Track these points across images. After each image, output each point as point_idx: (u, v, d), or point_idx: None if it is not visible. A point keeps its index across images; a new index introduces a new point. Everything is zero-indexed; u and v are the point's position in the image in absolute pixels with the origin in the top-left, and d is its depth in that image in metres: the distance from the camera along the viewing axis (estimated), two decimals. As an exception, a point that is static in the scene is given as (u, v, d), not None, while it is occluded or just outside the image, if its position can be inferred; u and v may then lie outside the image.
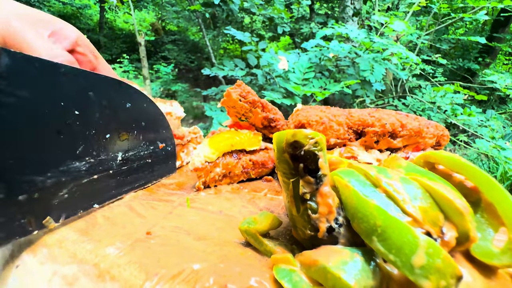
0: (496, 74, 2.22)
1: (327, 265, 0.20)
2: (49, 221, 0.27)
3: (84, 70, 0.29)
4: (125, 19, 7.80)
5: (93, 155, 0.31)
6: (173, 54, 5.99)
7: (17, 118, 0.24)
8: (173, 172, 0.46)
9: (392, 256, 0.19)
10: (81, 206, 0.30)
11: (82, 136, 0.29)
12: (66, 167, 0.28)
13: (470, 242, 0.21)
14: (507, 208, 0.21)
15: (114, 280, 0.24)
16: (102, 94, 0.31)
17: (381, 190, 0.23)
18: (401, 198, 0.22)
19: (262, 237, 0.27)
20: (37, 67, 0.25)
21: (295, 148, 0.24)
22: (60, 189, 0.27)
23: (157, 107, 0.40)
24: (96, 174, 0.31)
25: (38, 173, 0.26)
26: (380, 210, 0.21)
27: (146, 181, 0.40)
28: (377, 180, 0.23)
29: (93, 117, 0.30)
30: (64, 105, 0.27)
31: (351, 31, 1.87)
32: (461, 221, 0.21)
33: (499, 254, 0.21)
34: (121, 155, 0.35)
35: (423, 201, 0.22)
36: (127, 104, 0.34)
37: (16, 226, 0.25)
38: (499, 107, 4.28)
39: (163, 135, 0.42)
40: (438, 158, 0.26)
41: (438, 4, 2.27)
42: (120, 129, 0.34)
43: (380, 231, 0.20)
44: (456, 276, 0.18)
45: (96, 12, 7.40)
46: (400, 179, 0.24)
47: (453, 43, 4.59)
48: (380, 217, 0.20)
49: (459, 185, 0.24)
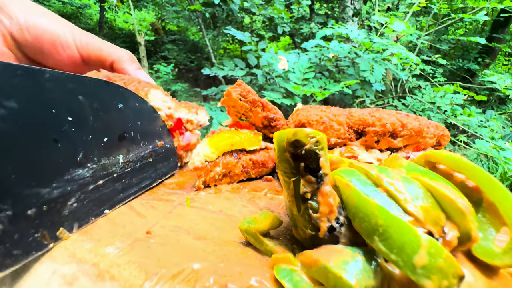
0: (495, 74, 2.23)
1: (328, 265, 0.20)
2: (63, 232, 0.27)
3: (69, 74, 0.28)
4: (125, 18, 7.79)
5: (94, 160, 0.30)
6: (173, 54, 5.99)
7: (11, 130, 0.23)
8: (176, 169, 0.46)
9: (394, 255, 0.19)
10: (92, 213, 0.30)
11: (80, 142, 0.29)
12: (70, 176, 0.28)
13: (471, 242, 0.21)
14: (508, 208, 0.21)
15: (114, 279, 0.24)
16: (92, 96, 0.30)
17: (382, 189, 0.23)
18: (403, 198, 0.22)
19: (263, 236, 0.27)
20: (20, 74, 0.23)
21: (296, 147, 0.24)
22: (68, 199, 0.27)
23: (149, 105, 0.39)
24: (101, 179, 0.31)
25: (43, 185, 0.25)
26: (382, 210, 0.20)
27: (151, 180, 0.40)
28: (378, 180, 0.23)
29: (88, 122, 0.29)
30: (56, 112, 0.26)
31: (351, 31, 1.87)
32: (462, 220, 0.21)
33: (501, 254, 0.21)
34: (122, 158, 0.34)
35: (424, 200, 0.22)
36: (119, 104, 0.34)
37: (31, 242, 0.25)
38: (499, 107, 4.29)
39: (160, 133, 0.42)
40: (439, 157, 0.26)
41: (438, 5, 2.27)
42: (116, 131, 0.33)
43: (381, 230, 0.20)
44: (458, 276, 0.18)
45: (96, 12, 7.39)
46: (402, 179, 0.24)
47: (453, 43, 4.59)
48: (381, 216, 0.20)
49: (460, 184, 0.24)
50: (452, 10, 3.04)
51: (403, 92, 2.69)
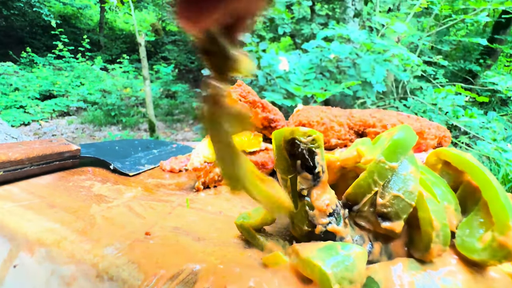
0: (497, 75, 2.22)
1: (309, 255, 0.21)
2: None
3: (135, 139, 0.66)
4: (125, 19, 7.81)
5: (135, 155, 0.59)
6: (173, 55, 6.00)
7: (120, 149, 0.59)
8: None
9: None
10: None
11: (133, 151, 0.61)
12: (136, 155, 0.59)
13: None
14: (497, 207, 0.22)
15: (113, 280, 0.24)
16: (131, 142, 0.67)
17: None
18: None
19: (258, 232, 0.28)
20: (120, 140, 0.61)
21: (292, 145, 0.24)
22: (140, 160, 0.57)
23: (158, 142, 0.70)
24: None
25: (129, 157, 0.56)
26: None
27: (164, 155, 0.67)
28: None
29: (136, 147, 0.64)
30: (133, 148, 0.62)
31: (352, 32, 1.87)
32: None
33: (480, 250, 0.22)
34: None
35: None
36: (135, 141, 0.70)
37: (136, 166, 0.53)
38: (501, 109, 4.28)
39: (164, 143, 0.72)
40: (448, 155, 0.27)
41: (439, 6, 2.27)
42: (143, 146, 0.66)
43: None
44: None
45: (97, 13, 7.42)
46: None
47: (454, 44, 4.58)
48: None
49: (467, 183, 0.25)
50: (453, 11, 3.04)
51: (404, 93, 2.68)
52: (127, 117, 4.13)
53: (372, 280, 0.22)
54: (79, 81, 4.75)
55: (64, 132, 3.54)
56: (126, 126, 3.95)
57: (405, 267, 0.23)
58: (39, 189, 0.39)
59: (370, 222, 0.25)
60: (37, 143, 0.46)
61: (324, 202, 0.24)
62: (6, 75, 4.30)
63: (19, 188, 0.39)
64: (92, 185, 0.42)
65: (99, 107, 4.23)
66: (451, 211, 0.24)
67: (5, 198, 0.35)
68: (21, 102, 3.80)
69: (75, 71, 4.95)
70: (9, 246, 0.29)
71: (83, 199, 0.37)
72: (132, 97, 4.63)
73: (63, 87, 4.43)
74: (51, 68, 4.97)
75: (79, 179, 0.44)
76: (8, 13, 5.65)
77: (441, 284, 0.22)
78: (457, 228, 0.24)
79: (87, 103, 4.33)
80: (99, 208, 0.35)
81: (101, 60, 5.49)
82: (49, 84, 4.39)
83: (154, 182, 0.45)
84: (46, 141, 0.48)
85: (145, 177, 0.48)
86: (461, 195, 0.26)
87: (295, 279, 0.23)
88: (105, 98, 4.34)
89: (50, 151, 0.45)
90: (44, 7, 5.86)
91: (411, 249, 0.25)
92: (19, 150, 0.41)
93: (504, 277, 0.23)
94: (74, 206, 0.35)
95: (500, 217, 0.22)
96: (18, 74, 4.45)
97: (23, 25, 5.93)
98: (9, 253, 0.29)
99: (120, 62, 5.54)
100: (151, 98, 3.12)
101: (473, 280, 0.22)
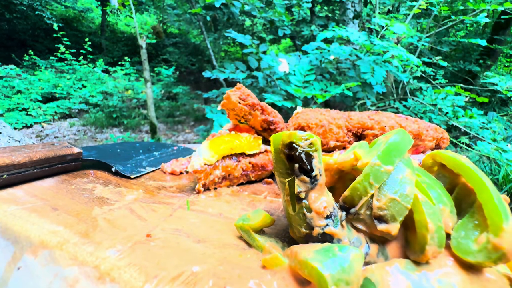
0: (497, 76, 2.22)
1: (307, 257, 0.22)
2: None
3: (136, 141, 0.68)
4: (127, 22, 7.85)
5: (137, 157, 0.60)
6: (174, 57, 6.02)
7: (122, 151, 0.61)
8: None
9: None
10: None
11: (134, 154, 0.63)
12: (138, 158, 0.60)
13: None
14: (491, 209, 0.22)
15: (114, 282, 0.24)
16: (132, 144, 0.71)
17: None
18: None
19: (257, 234, 0.28)
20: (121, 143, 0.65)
21: (290, 148, 0.25)
22: (141, 162, 0.57)
23: (159, 144, 0.74)
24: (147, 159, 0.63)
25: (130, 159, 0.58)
26: None
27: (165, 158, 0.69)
28: None
29: (138, 149, 0.66)
30: (134, 150, 0.64)
31: (352, 33, 1.88)
32: None
33: (475, 252, 0.22)
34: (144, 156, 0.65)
35: None
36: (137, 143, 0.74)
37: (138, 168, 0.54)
38: (501, 109, 4.27)
39: (165, 145, 0.74)
40: (443, 157, 0.27)
41: (439, 7, 2.28)
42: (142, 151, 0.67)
43: None
44: None
45: (98, 16, 7.46)
46: None
47: (454, 45, 4.58)
48: None
49: (462, 186, 0.25)
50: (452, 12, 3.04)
51: (404, 94, 2.68)
52: (128, 119, 4.15)
53: (369, 281, 0.22)
54: (81, 84, 4.78)
55: (66, 134, 3.56)
56: (128, 128, 3.97)
57: (401, 268, 0.23)
58: (42, 192, 0.39)
59: (366, 224, 0.25)
60: (40, 146, 0.47)
61: (322, 205, 0.24)
62: (9, 77, 4.32)
63: (22, 191, 0.39)
64: (94, 187, 0.43)
65: (100, 109, 4.25)
66: (447, 213, 0.24)
67: (9, 201, 0.36)
68: (23, 105, 3.83)
69: (77, 73, 4.98)
70: (13, 249, 0.29)
71: (85, 202, 0.37)
72: (133, 99, 4.65)
73: (65, 89, 4.46)
74: (53, 70, 5.00)
75: (81, 182, 0.45)
76: (11, 16, 5.68)
77: (437, 285, 0.22)
78: (452, 230, 0.25)
79: (89, 105, 4.36)
80: (101, 210, 0.35)
81: (103, 62, 5.53)
82: (51, 86, 4.42)
83: (155, 184, 0.46)
84: (49, 144, 0.49)
85: (146, 179, 0.48)
86: (457, 197, 0.26)
87: (293, 280, 0.23)
88: (106, 100, 4.36)
89: (53, 154, 0.45)
90: (46, 11, 5.90)
91: (407, 250, 0.25)
92: (22, 154, 0.42)
93: (500, 278, 0.24)
94: (76, 209, 0.35)
95: (494, 219, 0.22)
96: (20, 77, 4.48)
97: (25, 28, 5.97)
98: (13, 255, 0.29)
99: (121, 64, 5.56)
100: (152, 100, 3.13)
101: (469, 281, 0.22)
